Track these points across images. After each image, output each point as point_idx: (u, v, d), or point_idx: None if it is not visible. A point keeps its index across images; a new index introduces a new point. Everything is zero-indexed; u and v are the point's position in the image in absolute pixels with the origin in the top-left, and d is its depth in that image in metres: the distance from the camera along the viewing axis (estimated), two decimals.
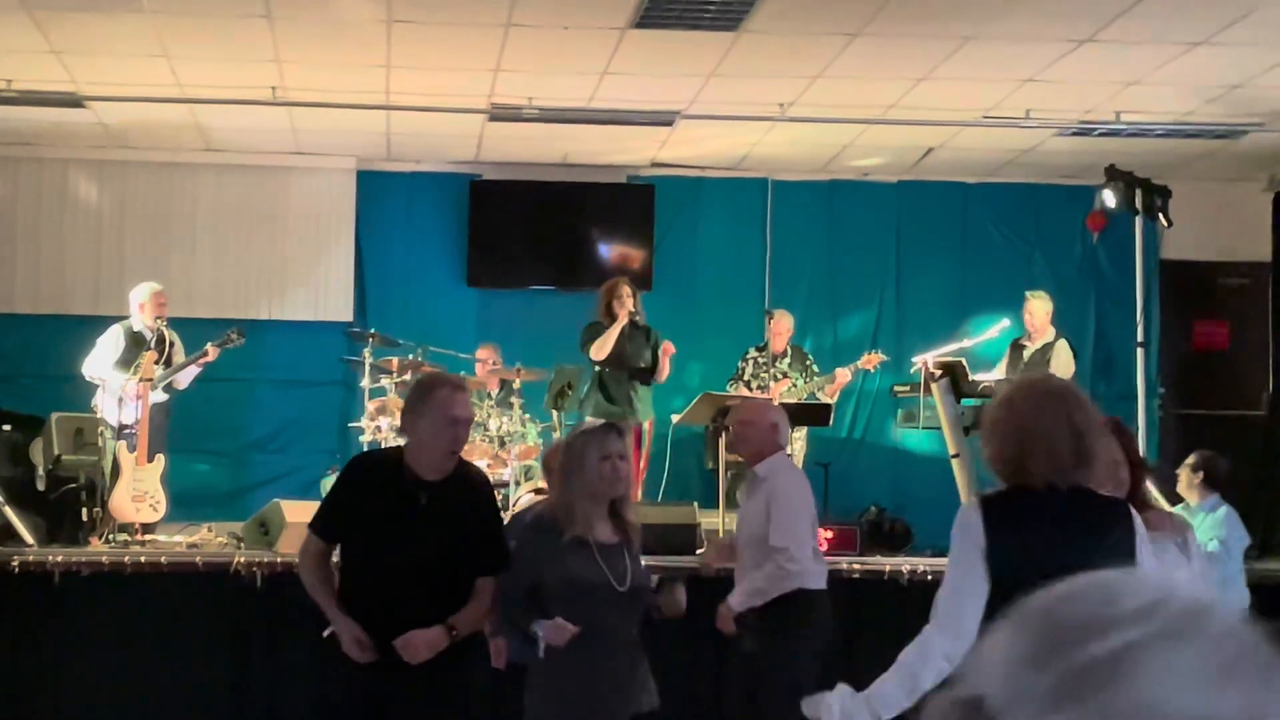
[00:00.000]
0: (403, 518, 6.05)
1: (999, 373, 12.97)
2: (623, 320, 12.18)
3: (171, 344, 12.12)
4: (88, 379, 12.00)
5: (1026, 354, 13.00)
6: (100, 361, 11.94)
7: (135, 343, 11.96)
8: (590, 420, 10.62)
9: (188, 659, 9.88)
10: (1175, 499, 9.64)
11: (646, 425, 12.36)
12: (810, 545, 8.21)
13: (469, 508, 6.11)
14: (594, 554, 6.01)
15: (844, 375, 13.09)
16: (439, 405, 6.03)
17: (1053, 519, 4.64)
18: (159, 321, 12.02)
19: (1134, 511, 4.71)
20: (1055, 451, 4.61)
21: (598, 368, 12.30)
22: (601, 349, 12.15)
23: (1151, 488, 6.60)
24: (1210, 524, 9.73)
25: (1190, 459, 10.16)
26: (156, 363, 11.76)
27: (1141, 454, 5.37)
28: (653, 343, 12.45)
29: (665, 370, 12.45)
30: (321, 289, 14.58)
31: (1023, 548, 4.58)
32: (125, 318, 12.21)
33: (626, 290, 12.35)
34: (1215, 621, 1.43)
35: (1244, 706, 1.38)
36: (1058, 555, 4.56)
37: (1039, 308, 13.02)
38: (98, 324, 12.53)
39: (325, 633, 6.06)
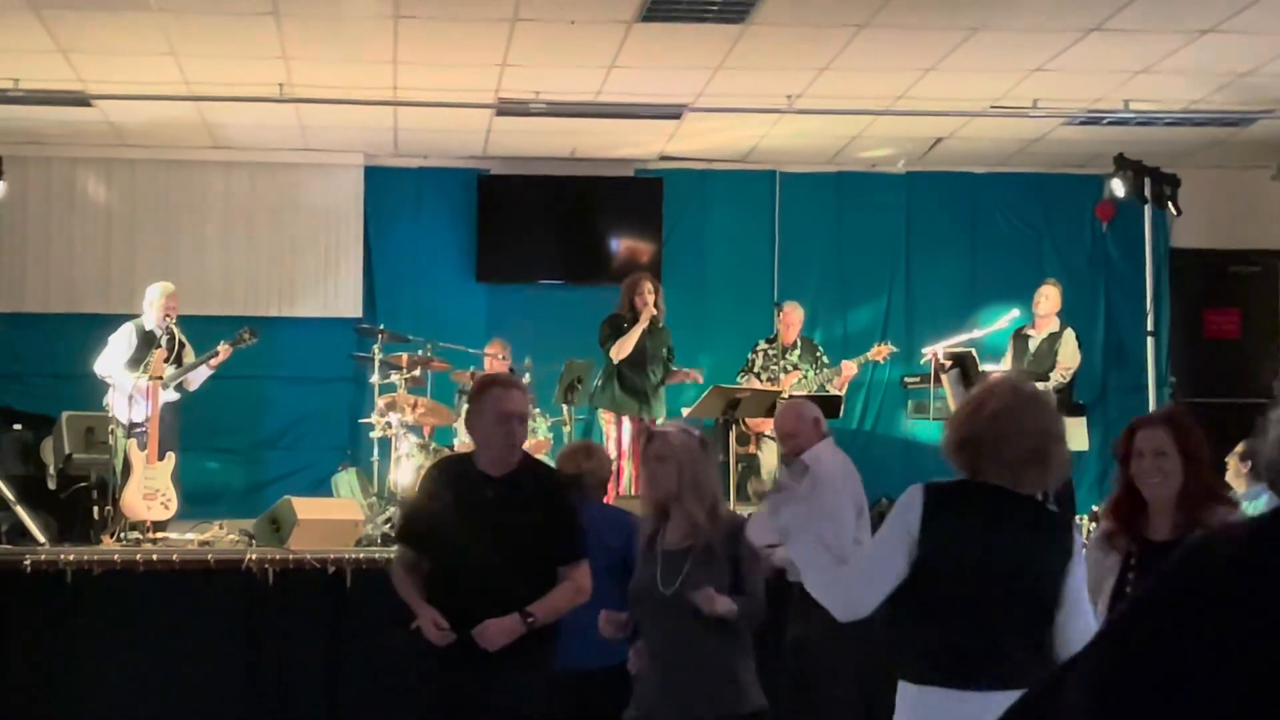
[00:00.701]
0: (472, 513, 6.16)
1: (1004, 363, 12.95)
2: (645, 320, 12.15)
3: (182, 344, 12.12)
4: (99, 377, 12.02)
5: (1032, 344, 12.97)
6: (112, 360, 11.95)
7: (147, 341, 11.97)
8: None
9: (200, 656, 9.88)
10: None
11: (661, 420, 12.33)
12: (850, 532, 8.04)
13: (537, 500, 6.19)
14: (655, 559, 6.00)
15: (850, 369, 13.06)
16: (492, 403, 6.17)
17: (991, 518, 4.65)
18: (168, 320, 12.02)
19: (1075, 529, 4.77)
20: (1012, 453, 4.61)
21: (615, 363, 12.28)
22: (622, 350, 12.11)
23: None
24: (1253, 513, 9.70)
25: (1239, 448, 10.12)
26: (166, 361, 11.78)
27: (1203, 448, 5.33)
28: (668, 342, 12.45)
29: (676, 379, 12.52)
30: (330, 285, 14.59)
31: (952, 539, 4.61)
32: (135, 316, 12.22)
33: (649, 286, 12.32)
34: None
35: None
36: (983, 553, 4.60)
37: (1053, 295, 12.99)
38: (108, 322, 12.54)
39: (412, 625, 6.15)
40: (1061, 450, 4.71)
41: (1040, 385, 12.32)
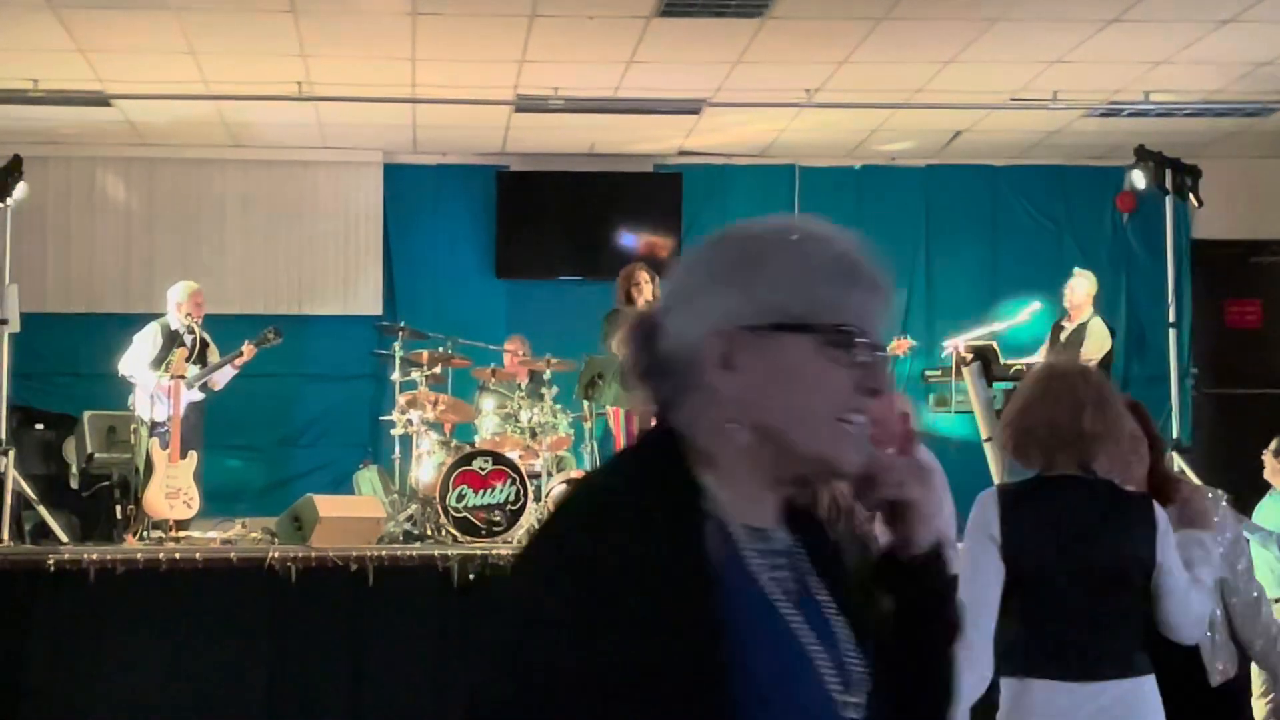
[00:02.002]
0: None
1: (1041, 356, 12.92)
2: (642, 308, 12.11)
3: (206, 344, 12.14)
4: (123, 377, 12.04)
5: (1064, 335, 12.94)
6: (135, 359, 11.97)
7: (171, 341, 11.99)
8: None
9: (222, 654, 9.88)
10: (1211, 481, 9.59)
11: None
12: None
13: None
14: None
15: None
16: None
17: (1071, 510, 4.65)
18: (190, 319, 12.05)
19: (1156, 505, 4.69)
20: (1057, 431, 4.63)
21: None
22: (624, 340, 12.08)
23: (1183, 465, 6.57)
24: None
25: (1274, 444, 10.10)
26: (189, 360, 11.80)
27: (1158, 431, 5.35)
28: None
29: None
30: (351, 283, 14.60)
31: (1037, 537, 4.61)
32: (157, 315, 12.24)
33: (644, 276, 12.28)
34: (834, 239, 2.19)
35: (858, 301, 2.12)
36: (1075, 546, 4.59)
37: (1080, 285, 12.94)
38: (129, 322, 12.56)
39: None
40: (1096, 418, 4.68)
41: None
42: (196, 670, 9.82)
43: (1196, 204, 12.10)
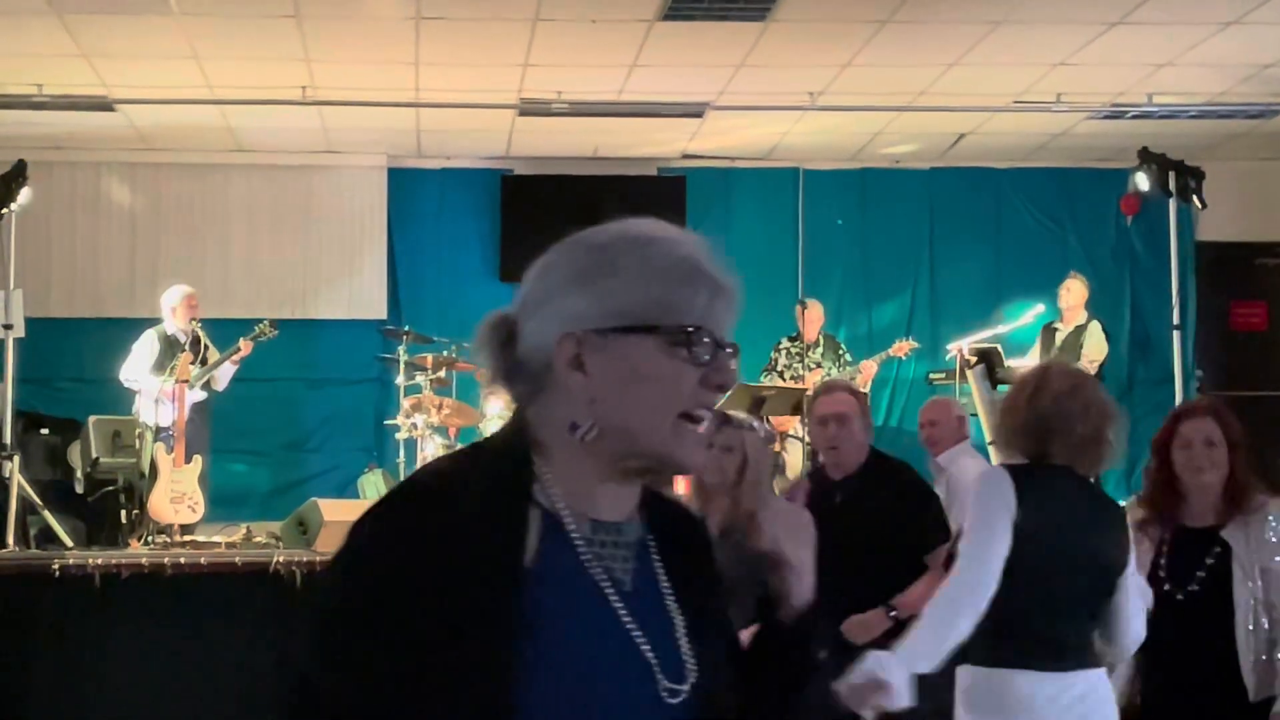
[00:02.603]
0: (823, 518, 6.12)
1: (1032, 357, 12.93)
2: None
3: (206, 345, 12.15)
4: (125, 385, 12.06)
5: (1059, 337, 12.96)
6: (136, 367, 11.99)
7: (169, 346, 12.01)
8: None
9: (228, 658, 9.88)
10: None
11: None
12: None
13: (888, 495, 6.30)
14: None
15: (870, 367, 13.05)
16: (810, 410, 6.53)
17: (1072, 503, 4.70)
18: (193, 324, 12.07)
19: (1126, 515, 4.83)
20: (1079, 434, 4.66)
21: None
22: None
23: None
24: None
25: None
26: (192, 364, 11.81)
27: (1240, 436, 5.33)
28: None
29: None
30: (355, 287, 14.60)
31: (1045, 523, 4.63)
32: (160, 320, 12.26)
33: None
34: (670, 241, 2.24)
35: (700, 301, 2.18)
36: (1074, 537, 4.63)
37: (1077, 288, 12.97)
38: (133, 326, 12.57)
39: None
40: (1119, 432, 4.76)
41: None
42: (201, 675, 9.82)
43: (1200, 206, 12.09)
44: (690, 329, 2.16)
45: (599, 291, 2.18)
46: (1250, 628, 5.06)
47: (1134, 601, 4.69)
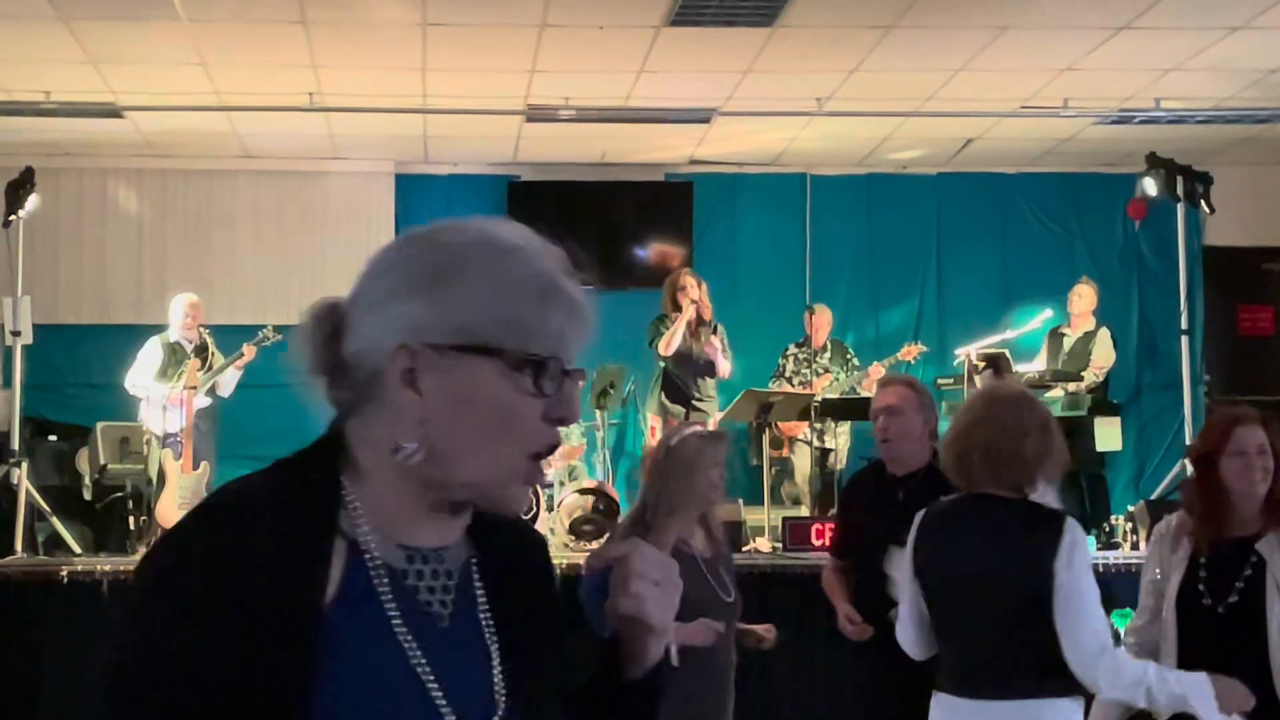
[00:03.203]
0: (885, 515, 6.13)
1: (1039, 362, 12.93)
2: (689, 312, 12.15)
3: (211, 352, 12.17)
4: (130, 392, 12.08)
5: (1066, 343, 12.95)
6: (140, 374, 12.02)
7: (173, 353, 12.03)
8: (679, 422, 10.60)
9: None
10: None
11: (712, 423, 12.27)
12: None
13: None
14: (700, 567, 5.95)
15: (877, 371, 13.04)
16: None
17: (974, 528, 4.76)
18: (201, 330, 12.10)
19: (1069, 523, 4.68)
20: (987, 460, 4.74)
21: (663, 363, 12.26)
22: (669, 344, 12.12)
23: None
24: None
25: None
26: (200, 370, 11.83)
27: None
28: (717, 333, 12.42)
29: (724, 366, 12.39)
30: None
31: (936, 555, 4.81)
32: (167, 326, 12.28)
33: (690, 280, 12.34)
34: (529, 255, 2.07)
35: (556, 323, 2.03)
36: (964, 564, 4.66)
37: (1088, 293, 12.97)
38: (141, 333, 12.58)
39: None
40: (1040, 442, 4.77)
41: (1073, 385, 12.38)
42: None
43: (1208, 210, 12.09)
44: (539, 358, 2.00)
45: (444, 301, 1.98)
46: None
47: (1068, 620, 4.57)
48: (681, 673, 5.64)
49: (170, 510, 11.42)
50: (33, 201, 11.66)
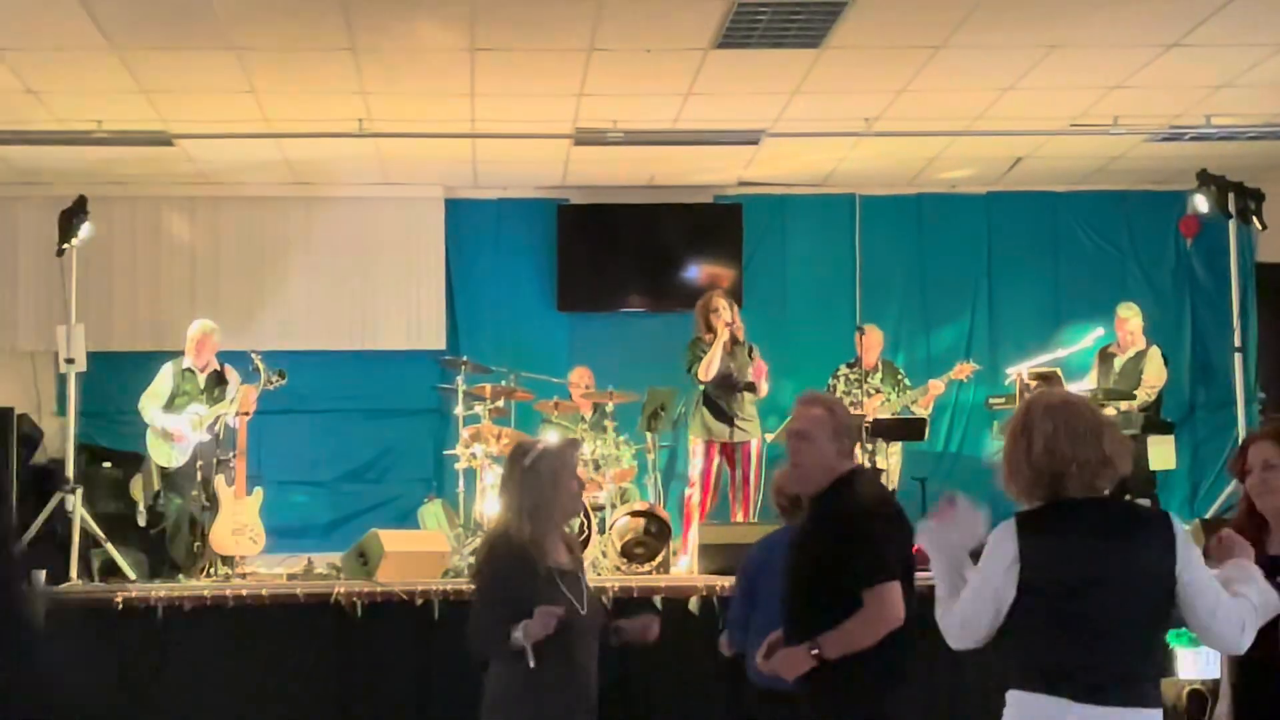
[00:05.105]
0: (796, 539, 6.15)
1: (1089, 382, 12.88)
2: (724, 335, 12.14)
3: (224, 380, 12.15)
4: (143, 417, 12.06)
5: (1117, 363, 12.90)
6: (151, 400, 12.02)
7: (183, 380, 12.05)
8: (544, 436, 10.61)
9: (290, 690, 9.92)
10: None
11: (756, 443, 12.26)
12: None
13: (833, 524, 5.87)
14: (557, 579, 5.98)
15: (937, 387, 13.01)
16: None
17: (1086, 531, 4.69)
18: (201, 358, 12.09)
19: (1175, 521, 4.70)
20: (1079, 468, 4.69)
21: (702, 386, 12.26)
22: (709, 369, 12.11)
23: None
24: None
25: None
26: (200, 392, 11.91)
27: None
28: (752, 356, 12.39)
29: (763, 387, 12.34)
30: (413, 318, 14.64)
31: (1051, 559, 4.68)
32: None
33: (722, 303, 12.33)
34: None
35: None
36: (1082, 568, 4.61)
37: (1133, 321, 12.92)
38: None
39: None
40: (1113, 438, 4.75)
41: (1124, 404, 12.32)
42: (264, 707, 9.86)
43: (1261, 227, 12.02)
44: None
45: None
46: None
47: (1206, 608, 4.61)
48: (543, 677, 5.82)
49: (224, 536, 11.48)
50: (86, 229, 11.73)
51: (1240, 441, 5.51)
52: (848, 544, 5.73)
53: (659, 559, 11.17)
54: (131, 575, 11.27)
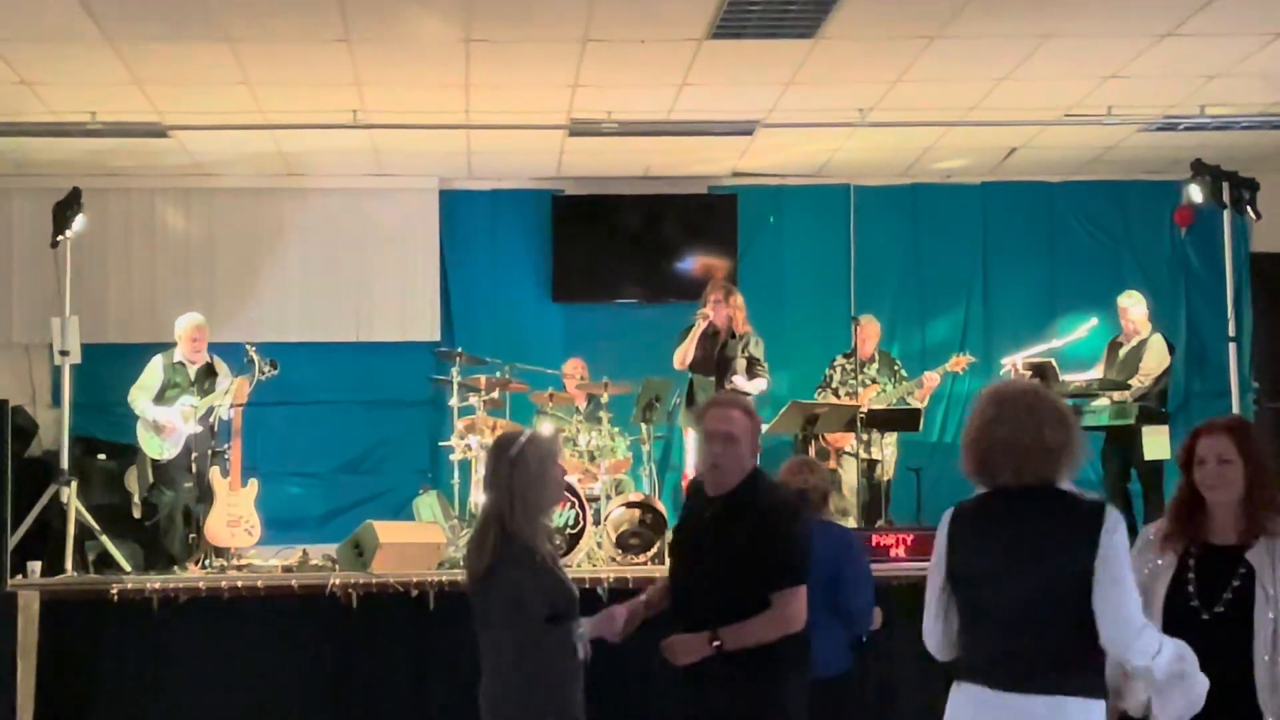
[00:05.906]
0: (691, 532, 6.24)
1: (1096, 372, 12.87)
2: (700, 325, 12.16)
3: (214, 373, 12.14)
4: (134, 409, 12.05)
5: (1121, 353, 12.89)
6: (141, 395, 12.01)
7: (173, 373, 12.04)
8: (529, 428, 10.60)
9: (286, 681, 9.93)
10: None
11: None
12: None
13: (746, 523, 5.95)
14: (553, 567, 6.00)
15: (932, 379, 12.99)
16: (701, 419, 6.24)
17: (1007, 523, 4.79)
18: (190, 352, 12.07)
19: (1109, 511, 4.72)
20: (1008, 457, 4.79)
21: (689, 375, 12.26)
22: (681, 358, 12.14)
23: None
24: None
25: None
26: (192, 387, 11.90)
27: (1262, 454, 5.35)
28: (752, 351, 12.37)
29: (748, 385, 12.23)
30: (408, 309, 14.63)
31: (972, 551, 4.83)
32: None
33: (715, 295, 12.34)
34: None
35: None
36: (1000, 559, 4.73)
37: (1135, 309, 12.90)
38: None
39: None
40: (1059, 431, 4.79)
41: (1118, 394, 12.32)
42: (259, 699, 9.87)
43: (1255, 217, 11.99)
44: None
45: None
46: (1266, 656, 5.05)
47: (1109, 606, 4.61)
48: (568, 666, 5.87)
49: (219, 528, 11.48)
50: (80, 222, 11.73)
51: (1191, 432, 5.52)
52: (758, 544, 5.87)
53: (654, 550, 11.15)
54: (127, 567, 11.26)
